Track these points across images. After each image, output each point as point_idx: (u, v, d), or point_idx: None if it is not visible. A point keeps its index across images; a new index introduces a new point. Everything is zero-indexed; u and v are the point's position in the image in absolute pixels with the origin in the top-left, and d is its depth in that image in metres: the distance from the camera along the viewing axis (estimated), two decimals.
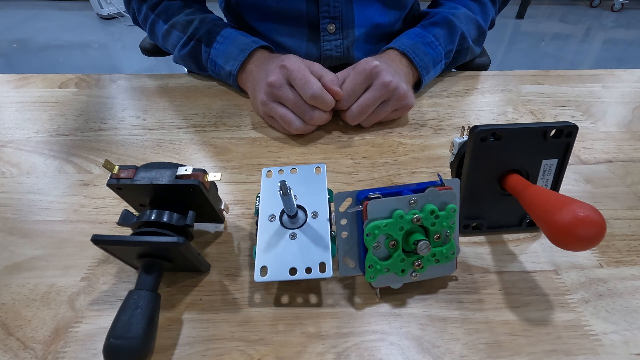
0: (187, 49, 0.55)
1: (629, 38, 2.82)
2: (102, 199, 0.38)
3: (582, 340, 0.27)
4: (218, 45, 0.53)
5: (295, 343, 0.27)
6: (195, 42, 0.55)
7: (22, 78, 0.59)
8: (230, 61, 0.52)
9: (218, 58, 0.53)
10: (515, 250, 0.34)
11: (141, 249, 0.28)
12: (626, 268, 0.32)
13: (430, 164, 0.43)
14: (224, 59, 0.53)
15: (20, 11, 3.00)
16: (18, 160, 0.43)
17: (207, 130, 0.49)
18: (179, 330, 0.28)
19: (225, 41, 0.53)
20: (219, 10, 0.69)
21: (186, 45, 0.55)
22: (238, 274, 0.32)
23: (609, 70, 0.63)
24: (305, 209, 0.31)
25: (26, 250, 0.33)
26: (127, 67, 2.32)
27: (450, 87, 0.58)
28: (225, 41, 0.53)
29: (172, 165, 0.30)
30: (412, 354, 0.26)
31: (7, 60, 2.34)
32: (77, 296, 0.30)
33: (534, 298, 0.30)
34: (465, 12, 0.58)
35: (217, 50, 0.53)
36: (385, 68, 0.45)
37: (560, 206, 0.24)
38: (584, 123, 0.51)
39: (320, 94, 0.43)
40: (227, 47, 0.53)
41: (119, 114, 0.52)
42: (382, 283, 0.29)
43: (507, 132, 0.30)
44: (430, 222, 0.27)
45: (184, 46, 0.56)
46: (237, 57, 0.51)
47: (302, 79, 0.43)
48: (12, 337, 0.27)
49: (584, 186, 0.41)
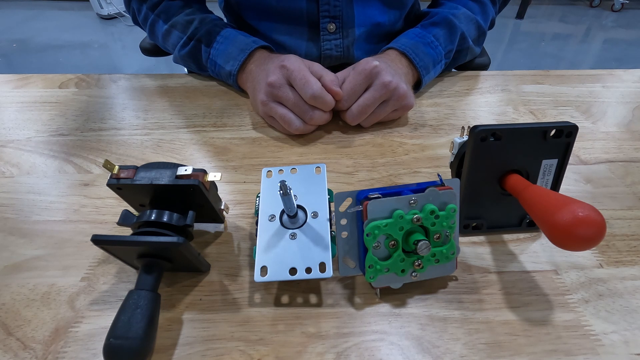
0: (187, 49, 0.55)
1: (629, 38, 2.82)
2: (102, 199, 0.38)
3: (582, 340, 0.27)
4: (218, 46, 0.53)
5: (295, 343, 0.27)
6: (195, 42, 0.55)
7: (22, 78, 0.59)
8: (230, 61, 0.52)
9: (218, 58, 0.53)
10: (515, 250, 0.34)
11: (141, 249, 0.28)
12: (626, 268, 0.32)
13: (430, 164, 0.43)
14: (223, 59, 0.53)
15: (20, 11, 3.00)
16: (18, 160, 0.43)
17: (207, 130, 0.49)
18: (179, 330, 0.28)
19: (225, 41, 0.53)
20: (219, 10, 0.69)
21: (186, 45, 0.55)
22: (238, 274, 0.32)
23: (609, 70, 0.63)
24: (305, 209, 0.31)
25: (26, 250, 0.33)
26: (127, 67, 2.32)
27: (450, 87, 0.58)
28: (225, 41, 0.53)
29: (172, 165, 0.30)
30: (412, 354, 0.26)
31: (7, 60, 2.34)
32: (77, 296, 0.30)
33: (534, 298, 0.30)
34: (465, 12, 0.58)
35: (217, 50, 0.53)
36: (385, 68, 0.45)
37: (560, 206, 0.24)
38: (584, 123, 0.51)
39: (320, 94, 0.43)
40: (227, 47, 0.53)
41: (119, 114, 0.52)
42: (382, 283, 0.29)
43: (507, 132, 0.30)
44: (430, 222, 0.27)
45: (184, 46, 0.56)
46: (237, 57, 0.51)
47: (302, 79, 0.43)
48: (12, 337, 0.27)
49: (584, 186, 0.41)
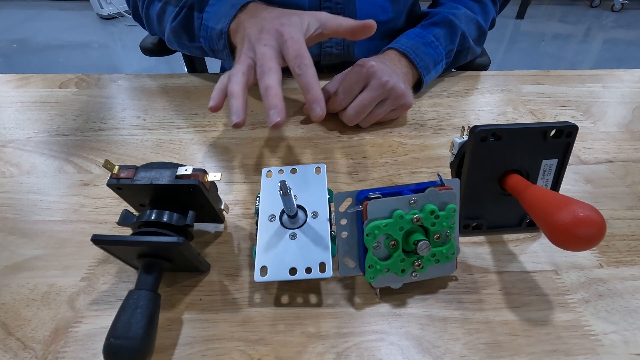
0: (179, 18, 0.51)
1: (629, 38, 2.82)
2: (102, 199, 0.38)
3: (582, 340, 0.27)
4: (210, 9, 0.49)
5: (295, 343, 0.27)
6: (187, 9, 0.50)
7: (22, 78, 0.59)
8: (221, 19, 0.47)
9: (210, 21, 0.48)
10: (515, 250, 0.34)
11: (141, 249, 0.28)
12: (626, 268, 0.32)
13: (430, 164, 0.43)
14: (215, 19, 0.48)
15: (20, 11, 3.00)
16: (18, 160, 0.43)
17: (207, 130, 0.49)
18: (179, 330, 0.28)
19: (217, 3, 0.49)
20: None
21: (178, 15, 0.51)
22: (238, 274, 0.32)
23: (609, 70, 0.63)
24: (305, 209, 0.31)
25: (26, 250, 0.33)
26: (127, 67, 2.32)
27: (450, 87, 0.58)
28: (217, 3, 0.49)
29: (172, 165, 0.30)
30: (412, 354, 0.26)
31: (7, 60, 2.34)
32: (77, 296, 0.30)
33: (534, 298, 0.30)
34: (465, 12, 0.58)
35: (209, 14, 0.49)
36: (382, 68, 0.45)
37: (560, 206, 0.24)
38: (584, 123, 0.51)
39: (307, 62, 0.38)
40: (219, 8, 0.48)
41: (119, 114, 0.52)
42: (382, 283, 0.29)
43: (507, 132, 0.30)
44: (430, 222, 0.27)
45: (175, 17, 0.51)
46: (227, 13, 0.46)
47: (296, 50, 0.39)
48: (12, 337, 0.27)
49: (584, 186, 0.41)
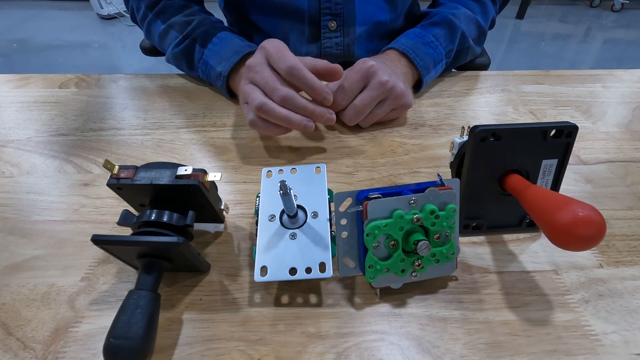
0: (181, 47, 0.54)
1: (629, 38, 2.82)
2: (102, 199, 0.38)
3: (582, 340, 0.27)
4: (213, 47, 0.53)
5: (295, 343, 0.27)
6: (190, 40, 0.54)
7: (22, 78, 0.59)
8: (222, 62, 0.51)
9: (210, 59, 0.52)
10: (515, 250, 0.34)
11: (141, 249, 0.28)
12: (626, 268, 0.32)
13: (430, 164, 0.43)
14: (216, 59, 0.52)
15: (20, 11, 3.00)
16: (18, 160, 0.43)
17: (207, 130, 0.49)
18: (179, 330, 0.28)
19: (220, 42, 0.52)
20: (219, 10, 0.69)
21: (181, 43, 0.54)
22: (238, 274, 0.32)
23: (609, 70, 0.63)
24: (305, 209, 0.31)
25: (26, 250, 0.33)
26: (127, 67, 2.32)
27: (450, 87, 0.58)
28: (220, 42, 0.52)
29: (172, 165, 0.30)
30: (412, 354, 0.26)
31: (7, 60, 2.34)
32: (77, 296, 0.30)
33: (534, 298, 0.30)
34: (465, 12, 0.58)
35: (211, 52, 0.52)
36: (382, 67, 0.45)
37: (560, 206, 0.24)
38: (584, 123, 0.51)
39: (296, 66, 0.39)
40: (221, 49, 0.52)
41: (119, 114, 0.52)
42: (382, 283, 0.29)
43: (507, 132, 0.30)
44: (430, 222, 0.27)
45: (178, 44, 0.55)
46: (229, 58, 0.50)
47: (278, 53, 0.40)
48: (12, 337, 0.27)
49: (584, 186, 0.41)
